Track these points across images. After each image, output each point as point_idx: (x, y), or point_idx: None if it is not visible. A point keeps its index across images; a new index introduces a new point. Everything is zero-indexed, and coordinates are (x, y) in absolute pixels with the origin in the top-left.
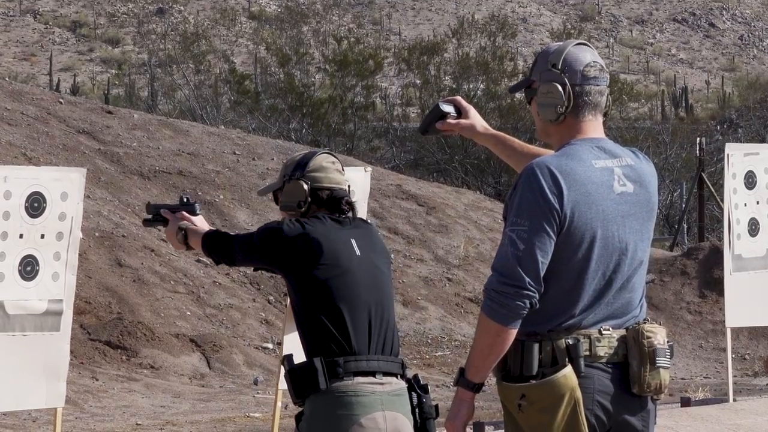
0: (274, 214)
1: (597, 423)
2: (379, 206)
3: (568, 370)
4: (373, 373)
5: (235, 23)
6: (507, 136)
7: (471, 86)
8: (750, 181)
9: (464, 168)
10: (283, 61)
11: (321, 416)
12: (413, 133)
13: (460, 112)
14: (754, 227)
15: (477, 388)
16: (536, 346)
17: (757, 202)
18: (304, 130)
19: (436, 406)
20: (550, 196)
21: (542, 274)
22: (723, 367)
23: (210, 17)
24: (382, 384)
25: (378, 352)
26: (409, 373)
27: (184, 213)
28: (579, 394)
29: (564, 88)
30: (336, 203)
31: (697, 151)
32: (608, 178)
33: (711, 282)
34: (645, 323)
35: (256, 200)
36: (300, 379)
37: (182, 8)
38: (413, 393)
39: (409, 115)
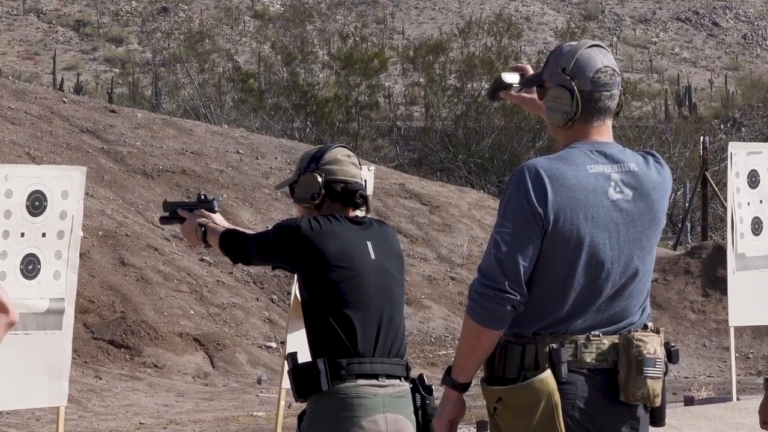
0: (278, 213)
1: (579, 429)
2: (383, 205)
3: (545, 375)
4: (376, 376)
5: (239, 22)
6: None
7: (475, 85)
8: (753, 179)
9: (468, 167)
10: (288, 59)
11: (322, 417)
12: (417, 132)
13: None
14: (757, 226)
15: (462, 387)
16: (519, 350)
17: (761, 201)
18: (307, 129)
19: None
20: (534, 199)
21: (524, 277)
22: (726, 365)
23: (214, 16)
24: (384, 386)
25: (383, 355)
26: (414, 373)
27: (203, 210)
28: (558, 399)
29: (572, 95)
30: (350, 196)
31: (701, 150)
32: (603, 184)
33: (714, 281)
34: (638, 331)
35: (260, 199)
36: (303, 379)
37: (186, 7)
38: (417, 394)
39: (413, 115)
